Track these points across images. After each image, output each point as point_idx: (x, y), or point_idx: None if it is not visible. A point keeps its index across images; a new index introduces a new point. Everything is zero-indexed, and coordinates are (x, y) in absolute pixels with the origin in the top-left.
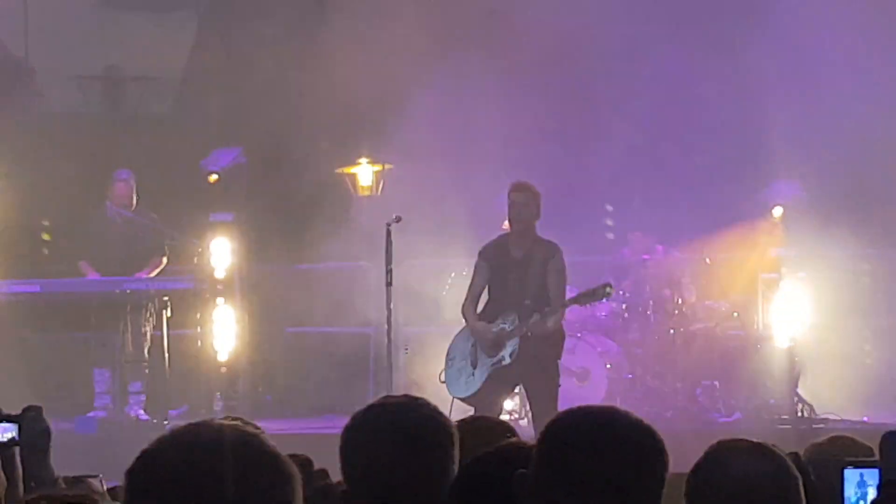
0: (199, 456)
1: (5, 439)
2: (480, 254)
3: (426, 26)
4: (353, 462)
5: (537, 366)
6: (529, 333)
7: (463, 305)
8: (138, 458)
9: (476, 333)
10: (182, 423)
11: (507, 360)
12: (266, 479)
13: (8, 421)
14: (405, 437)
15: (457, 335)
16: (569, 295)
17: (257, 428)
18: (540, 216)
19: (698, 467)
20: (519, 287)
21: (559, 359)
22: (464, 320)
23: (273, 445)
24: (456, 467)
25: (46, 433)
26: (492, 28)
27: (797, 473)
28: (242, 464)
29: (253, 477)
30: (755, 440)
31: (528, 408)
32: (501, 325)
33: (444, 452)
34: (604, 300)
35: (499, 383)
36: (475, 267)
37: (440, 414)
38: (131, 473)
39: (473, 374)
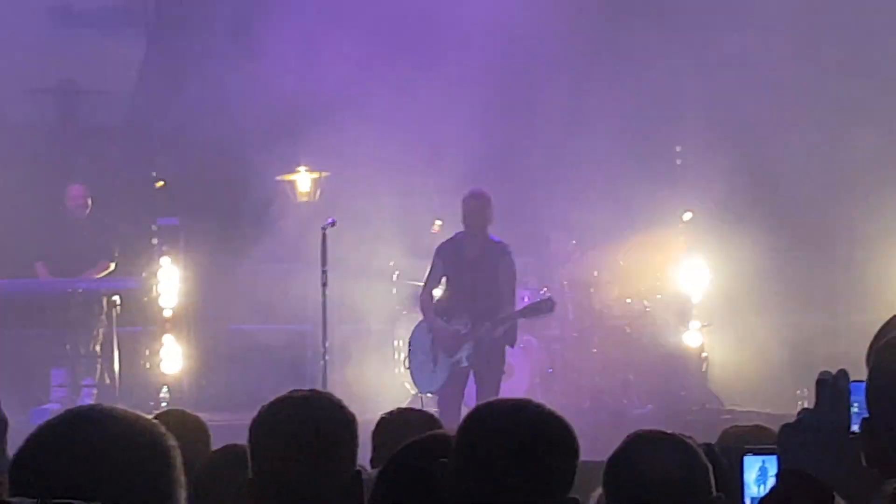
0: (76, 435)
1: None
2: (437, 251)
3: (362, 38)
4: (258, 453)
5: (486, 360)
6: (481, 338)
7: (421, 298)
8: (27, 441)
9: (434, 331)
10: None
11: (465, 363)
12: (140, 460)
13: None
14: (305, 429)
15: (416, 327)
16: (527, 294)
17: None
18: (492, 220)
19: (615, 456)
20: (471, 287)
21: (511, 345)
22: (422, 311)
23: (152, 421)
24: (356, 460)
25: (2, 422)
26: (425, 36)
27: (707, 463)
28: (126, 439)
29: (125, 457)
30: (668, 431)
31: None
32: (457, 328)
33: (344, 445)
34: (546, 315)
35: (459, 380)
36: (432, 263)
37: (342, 408)
38: (17, 455)
39: (435, 371)
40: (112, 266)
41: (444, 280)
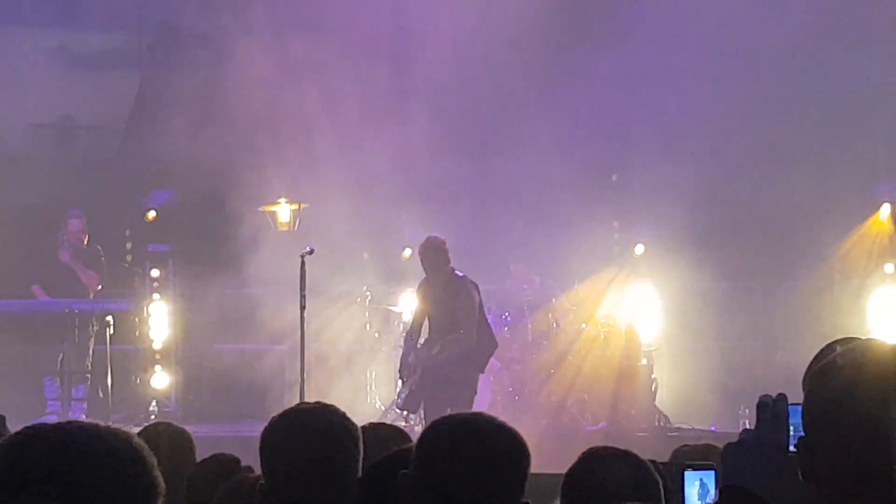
0: (38, 453)
1: None
2: (416, 291)
3: (336, 81)
4: (270, 459)
5: (444, 385)
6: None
7: (405, 335)
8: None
9: (402, 360)
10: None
11: (414, 387)
12: (126, 459)
13: None
14: (315, 437)
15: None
16: (490, 318)
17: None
18: (447, 260)
19: (573, 470)
20: (434, 317)
21: (477, 371)
22: None
23: (131, 434)
24: (360, 465)
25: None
26: (394, 75)
27: (658, 477)
28: (115, 464)
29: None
30: (621, 448)
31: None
32: (418, 354)
33: (349, 452)
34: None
35: (415, 399)
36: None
37: (347, 419)
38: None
39: (402, 391)
40: (100, 286)
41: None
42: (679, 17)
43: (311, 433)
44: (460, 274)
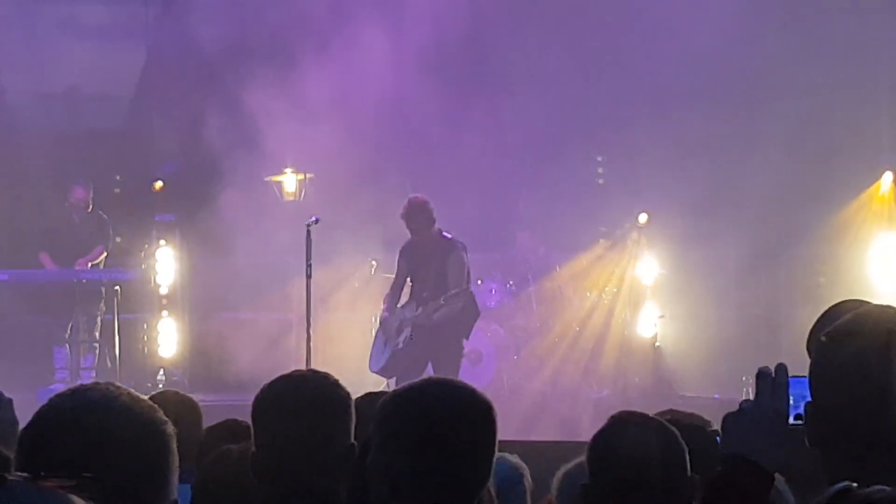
0: (88, 411)
1: None
2: (400, 252)
3: (345, 51)
4: (261, 426)
5: (433, 346)
6: (419, 323)
7: (385, 295)
8: (32, 418)
9: (383, 321)
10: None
11: (401, 345)
12: (148, 435)
13: None
14: (305, 405)
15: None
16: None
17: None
18: (432, 220)
19: (600, 435)
20: (422, 280)
21: (462, 336)
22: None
23: (153, 405)
24: (352, 434)
25: (14, 424)
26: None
27: (684, 445)
28: (127, 421)
29: (135, 433)
30: (649, 414)
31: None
32: (405, 314)
33: (339, 419)
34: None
35: (399, 364)
36: (397, 263)
37: (338, 386)
38: (25, 432)
39: (383, 354)
40: (105, 254)
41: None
42: None
43: (301, 401)
44: (448, 235)
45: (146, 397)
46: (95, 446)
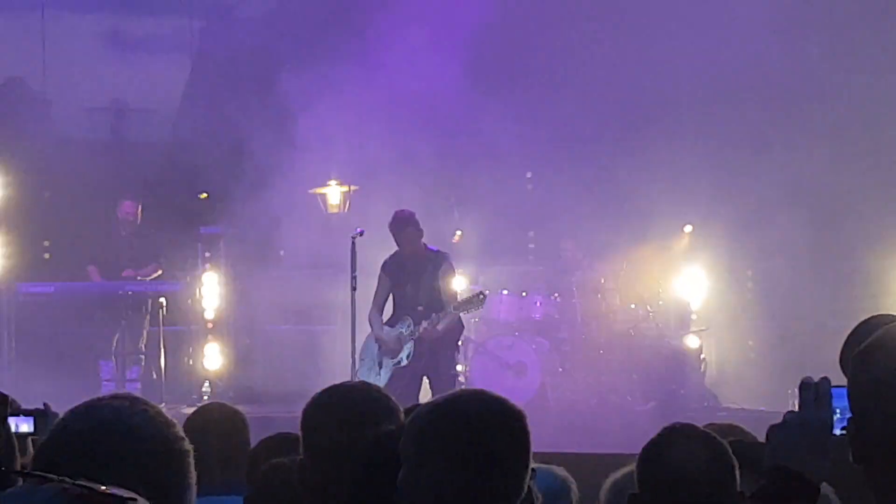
0: (97, 432)
1: (21, 432)
2: (382, 267)
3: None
4: (309, 437)
5: (434, 360)
6: (422, 337)
7: (369, 313)
8: (47, 436)
9: (379, 339)
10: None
11: (405, 362)
12: (159, 454)
13: (25, 415)
14: (356, 415)
15: (366, 338)
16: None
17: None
18: (420, 233)
19: (651, 444)
20: (413, 294)
21: (456, 350)
22: (370, 323)
23: (169, 421)
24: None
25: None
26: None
27: (734, 461)
28: (137, 440)
29: (146, 452)
30: (701, 428)
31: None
32: (400, 330)
33: (390, 431)
34: (480, 308)
35: (401, 381)
36: (378, 279)
37: (388, 397)
38: (40, 449)
39: (380, 374)
40: (160, 271)
41: (392, 296)
42: None
43: (350, 410)
44: (434, 248)
45: (191, 409)
46: (105, 469)
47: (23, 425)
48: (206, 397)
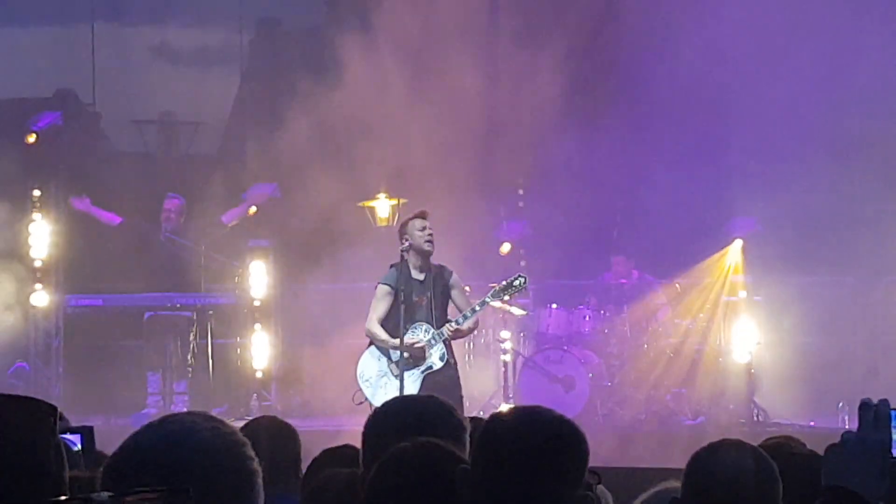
0: (167, 446)
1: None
2: (384, 281)
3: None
4: (371, 447)
5: (455, 363)
6: (451, 337)
7: (371, 327)
8: (117, 450)
9: (396, 348)
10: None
11: (439, 364)
12: (228, 472)
13: (72, 432)
14: (423, 428)
15: (362, 358)
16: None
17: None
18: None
19: (698, 455)
20: (426, 303)
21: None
22: (375, 339)
23: (240, 440)
24: (465, 458)
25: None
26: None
27: (778, 476)
28: (207, 456)
29: (215, 469)
30: (748, 443)
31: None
32: (417, 335)
33: (458, 444)
34: (521, 290)
35: (436, 387)
36: (378, 291)
37: (455, 410)
38: (109, 461)
39: (404, 386)
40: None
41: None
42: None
43: (418, 423)
44: (434, 262)
45: (244, 423)
46: (173, 483)
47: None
48: (253, 410)
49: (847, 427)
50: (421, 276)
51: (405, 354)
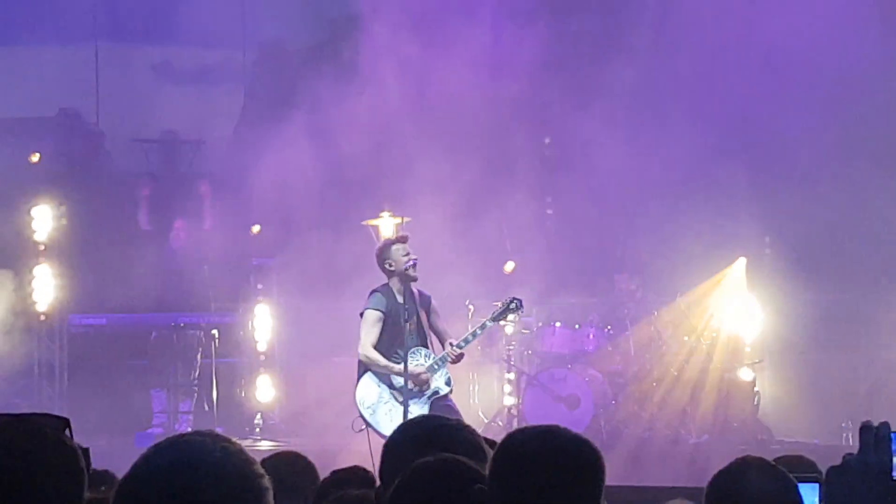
0: (180, 468)
1: None
2: (373, 307)
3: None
4: (392, 468)
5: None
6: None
7: (367, 353)
8: (129, 472)
9: (400, 374)
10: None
11: (446, 389)
12: (239, 492)
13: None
14: (443, 448)
15: (360, 385)
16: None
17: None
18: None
19: (721, 473)
20: (416, 328)
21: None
22: (374, 366)
23: (249, 459)
24: (484, 477)
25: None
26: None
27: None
28: (219, 478)
29: (227, 490)
30: (771, 462)
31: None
32: (417, 361)
33: (478, 465)
34: (517, 313)
35: (444, 411)
36: (369, 316)
37: (474, 433)
38: (123, 483)
39: (410, 412)
40: None
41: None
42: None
43: (437, 444)
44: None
45: (264, 457)
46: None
47: None
48: (257, 430)
49: (852, 445)
50: (404, 301)
51: (410, 385)
